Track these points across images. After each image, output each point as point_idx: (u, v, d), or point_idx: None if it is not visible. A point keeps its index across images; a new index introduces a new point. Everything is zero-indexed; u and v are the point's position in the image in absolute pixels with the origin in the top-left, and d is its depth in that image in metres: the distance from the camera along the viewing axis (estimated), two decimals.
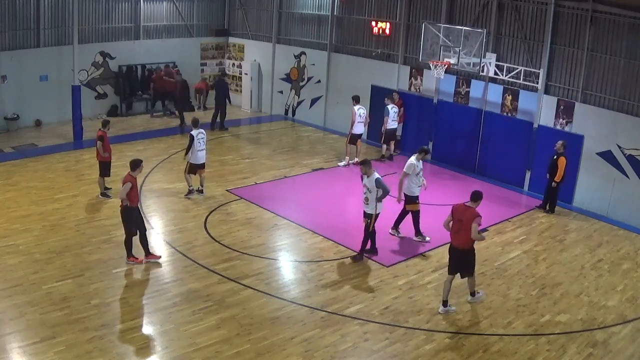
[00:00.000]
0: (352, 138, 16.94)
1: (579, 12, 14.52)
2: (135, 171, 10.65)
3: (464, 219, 9.29)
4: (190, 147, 13.66)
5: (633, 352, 8.96)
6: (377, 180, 10.84)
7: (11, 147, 17.17)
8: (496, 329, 9.38)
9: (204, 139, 13.95)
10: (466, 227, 9.24)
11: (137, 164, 10.72)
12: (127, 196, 10.41)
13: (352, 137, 16.92)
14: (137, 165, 10.72)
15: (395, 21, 18.66)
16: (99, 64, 20.72)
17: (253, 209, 13.61)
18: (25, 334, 8.42)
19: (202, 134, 13.94)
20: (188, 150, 13.74)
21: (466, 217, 9.28)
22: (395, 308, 9.78)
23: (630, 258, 12.28)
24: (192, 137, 13.67)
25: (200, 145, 13.80)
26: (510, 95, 16.09)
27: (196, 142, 13.69)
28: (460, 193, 14.83)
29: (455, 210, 9.54)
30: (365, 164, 11.08)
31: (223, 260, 11.04)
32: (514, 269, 11.45)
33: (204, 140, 13.97)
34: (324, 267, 11.07)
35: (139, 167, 10.75)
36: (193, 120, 14.27)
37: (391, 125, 17.27)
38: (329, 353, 8.50)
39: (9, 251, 10.85)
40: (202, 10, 23.54)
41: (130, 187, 10.38)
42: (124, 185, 10.40)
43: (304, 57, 21.64)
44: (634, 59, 13.70)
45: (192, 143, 13.62)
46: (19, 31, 18.75)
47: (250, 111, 23.39)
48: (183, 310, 9.31)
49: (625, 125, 13.93)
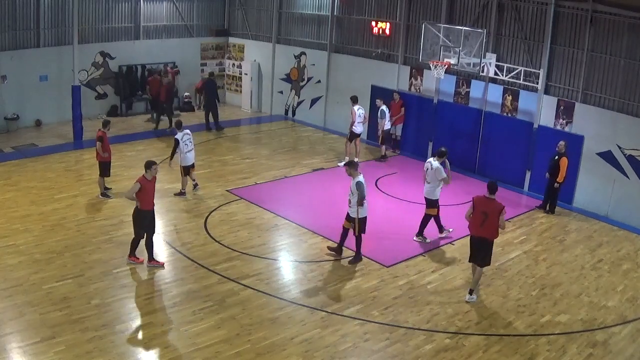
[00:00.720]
0: (351, 137, 16.95)
1: (579, 12, 14.53)
2: (147, 172, 10.38)
3: (489, 212, 9.69)
4: (175, 151, 13.69)
5: (633, 353, 8.96)
6: (357, 184, 10.77)
7: (11, 147, 17.18)
8: (496, 329, 9.38)
9: (190, 139, 13.95)
10: (492, 219, 9.66)
11: (149, 165, 10.43)
12: (137, 197, 10.21)
13: (352, 136, 16.94)
14: (149, 166, 10.41)
15: (395, 21, 18.66)
16: (99, 64, 20.73)
17: (253, 209, 13.61)
18: (25, 334, 8.41)
19: (188, 135, 13.93)
20: (172, 154, 13.77)
21: (491, 210, 9.69)
22: (395, 308, 9.78)
23: (630, 258, 12.28)
24: (177, 140, 13.69)
25: (187, 146, 13.81)
26: (510, 95, 16.09)
27: (182, 144, 13.70)
28: (460, 193, 14.85)
29: (477, 203, 9.90)
30: (350, 165, 11.10)
31: (223, 260, 11.03)
32: (514, 269, 11.45)
33: (191, 141, 13.98)
34: (324, 267, 11.07)
35: (151, 168, 10.40)
36: (177, 122, 14.32)
37: (387, 125, 17.44)
38: (329, 353, 8.50)
39: (9, 251, 10.84)
40: (202, 10, 23.54)
41: (138, 188, 10.16)
42: (133, 185, 10.27)
43: (304, 57, 21.64)
44: (634, 59, 13.70)
45: (178, 146, 13.65)
46: (19, 31, 18.75)
47: (250, 111, 23.39)
48: (183, 310, 9.31)
49: (625, 126, 13.93)
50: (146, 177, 10.34)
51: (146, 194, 10.33)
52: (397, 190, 15.19)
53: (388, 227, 13.01)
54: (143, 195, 10.27)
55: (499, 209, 9.68)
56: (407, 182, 15.80)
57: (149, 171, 10.38)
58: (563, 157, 13.79)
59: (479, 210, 9.78)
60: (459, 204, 14.53)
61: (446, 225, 12.60)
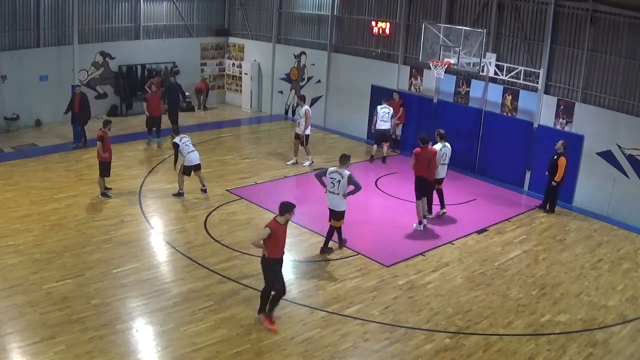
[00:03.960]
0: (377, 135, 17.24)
1: (579, 12, 14.52)
2: (282, 217, 8.73)
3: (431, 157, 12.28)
4: (177, 155, 13.73)
5: (633, 352, 8.96)
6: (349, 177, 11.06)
7: (11, 147, 17.18)
8: (496, 329, 9.38)
9: (189, 141, 14.00)
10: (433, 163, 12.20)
11: (286, 209, 8.69)
12: (266, 244, 8.67)
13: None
14: (287, 210, 8.70)
15: (395, 21, 18.66)
16: (99, 64, 20.73)
17: (253, 209, 13.61)
18: (25, 334, 8.41)
19: (186, 138, 14.00)
20: (176, 159, 13.79)
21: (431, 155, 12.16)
22: (395, 308, 9.78)
23: (630, 258, 12.28)
24: (176, 144, 13.74)
25: (188, 147, 13.83)
26: (510, 95, 16.09)
27: (183, 146, 13.74)
28: (460, 193, 14.86)
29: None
30: (342, 159, 11.35)
31: (223, 260, 11.03)
32: (514, 268, 11.45)
33: (190, 142, 14.01)
34: (324, 267, 11.07)
35: (289, 211, 8.72)
36: (174, 129, 14.36)
37: (380, 125, 17.06)
38: (329, 353, 8.50)
39: (9, 251, 10.84)
40: (202, 10, 23.55)
41: (267, 234, 8.55)
42: (262, 231, 8.70)
43: (304, 57, 21.64)
44: (634, 59, 13.70)
45: (178, 150, 13.68)
46: (19, 31, 18.76)
47: (250, 111, 23.40)
48: (183, 310, 9.31)
49: (625, 125, 13.93)
50: (278, 222, 8.73)
51: (277, 240, 8.74)
52: (397, 190, 15.19)
53: (388, 227, 13.02)
54: (274, 242, 8.70)
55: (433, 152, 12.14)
56: (406, 182, 15.75)
57: (285, 215, 8.75)
58: (561, 156, 13.79)
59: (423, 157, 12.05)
60: (459, 203, 14.55)
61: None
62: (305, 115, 16.37)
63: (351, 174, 11.16)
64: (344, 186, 11.11)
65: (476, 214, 13.94)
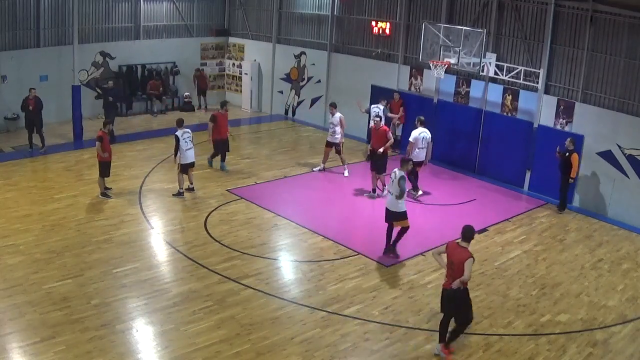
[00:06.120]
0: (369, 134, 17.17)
1: (579, 12, 14.52)
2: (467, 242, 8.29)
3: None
4: (178, 148, 13.68)
5: (633, 352, 8.96)
6: (399, 179, 11.05)
7: (11, 147, 17.18)
8: (496, 329, 9.38)
9: (190, 137, 13.92)
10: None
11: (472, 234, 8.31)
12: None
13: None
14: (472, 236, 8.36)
15: (395, 21, 18.66)
16: (99, 64, 20.72)
17: (253, 209, 13.61)
18: (25, 334, 8.41)
19: (188, 133, 13.90)
20: (176, 151, 13.74)
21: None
22: (395, 308, 9.78)
23: (630, 258, 12.28)
24: (177, 137, 13.68)
25: (187, 144, 13.80)
26: (510, 95, 16.09)
27: (182, 141, 13.69)
28: (460, 193, 14.86)
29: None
30: (401, 162, 11.55)
31: (223, 260, 11.03)
32: (514, 268, 11.45)
33: (190, 139, 13.96)
34: (324, 267, 11.07)
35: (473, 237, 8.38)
36: (178, 120, 14.24)
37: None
38: (329, 353, 8.50)
39: (9, 251, 10.84)
40: (202, 10, 23.54)
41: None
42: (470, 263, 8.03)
43: (304, 57, 21.64)
44: (634, 59, 13.69)
45: (179, 143, 13.64)
46: (19, 31, 18.75)
47: (250, 111, 23.39)
48: (183, 310, 9.31)
49: (625, 125, 13.93)
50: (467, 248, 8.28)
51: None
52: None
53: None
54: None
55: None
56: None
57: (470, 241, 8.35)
58: (573, 153, 13.82)
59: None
60: (459, 203, 14.55)
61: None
62: (341, 123, 15.96)
63: (402, 177, 11.13)
64: (396, 187, 11.08)
65: (476, 214, 13.93)
